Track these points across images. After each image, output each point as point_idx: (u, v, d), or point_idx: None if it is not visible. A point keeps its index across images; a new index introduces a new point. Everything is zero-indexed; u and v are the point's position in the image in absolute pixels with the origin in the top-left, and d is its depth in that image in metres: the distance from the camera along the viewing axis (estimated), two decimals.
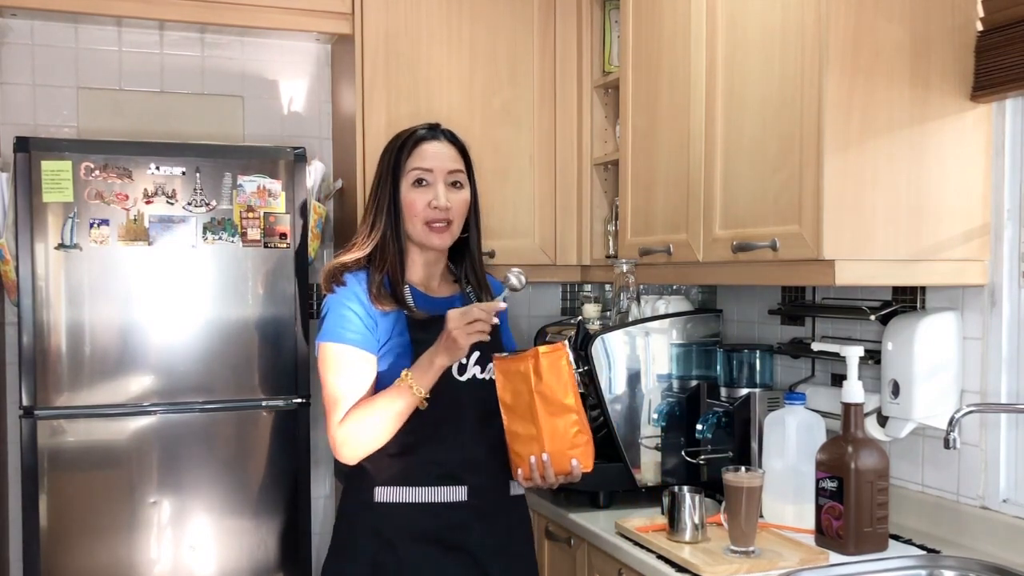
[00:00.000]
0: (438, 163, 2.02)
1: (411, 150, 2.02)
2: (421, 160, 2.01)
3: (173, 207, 2.70)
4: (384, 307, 1.97)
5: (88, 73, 3.09)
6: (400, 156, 2.02)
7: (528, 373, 1.85)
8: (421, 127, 2.07)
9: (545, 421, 1.86)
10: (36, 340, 2.60)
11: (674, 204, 2.43)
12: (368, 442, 1.92)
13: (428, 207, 1.99)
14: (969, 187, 2.01)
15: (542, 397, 1.85)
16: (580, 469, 1.91)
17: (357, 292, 1.98)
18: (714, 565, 1.90)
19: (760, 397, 2.35)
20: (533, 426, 1.87)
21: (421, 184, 2.01)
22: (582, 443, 1.90)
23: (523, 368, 1.86)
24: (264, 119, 3.27)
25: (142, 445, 2.70)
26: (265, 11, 2.91)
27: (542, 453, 1.88)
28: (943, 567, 1.95)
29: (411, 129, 2.07)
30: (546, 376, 1.85)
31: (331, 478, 3.34)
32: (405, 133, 2.07)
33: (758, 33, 2.10)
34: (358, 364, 1.95)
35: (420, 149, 2.02)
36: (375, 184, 2.07)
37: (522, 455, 1.91)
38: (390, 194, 2.01)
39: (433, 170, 2.01)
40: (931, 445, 2.18)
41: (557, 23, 3.09)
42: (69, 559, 2.64)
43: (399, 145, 2.04)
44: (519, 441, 1.91)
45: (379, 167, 2.07)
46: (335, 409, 1.93)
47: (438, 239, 2.02)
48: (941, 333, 2.08)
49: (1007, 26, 1.94)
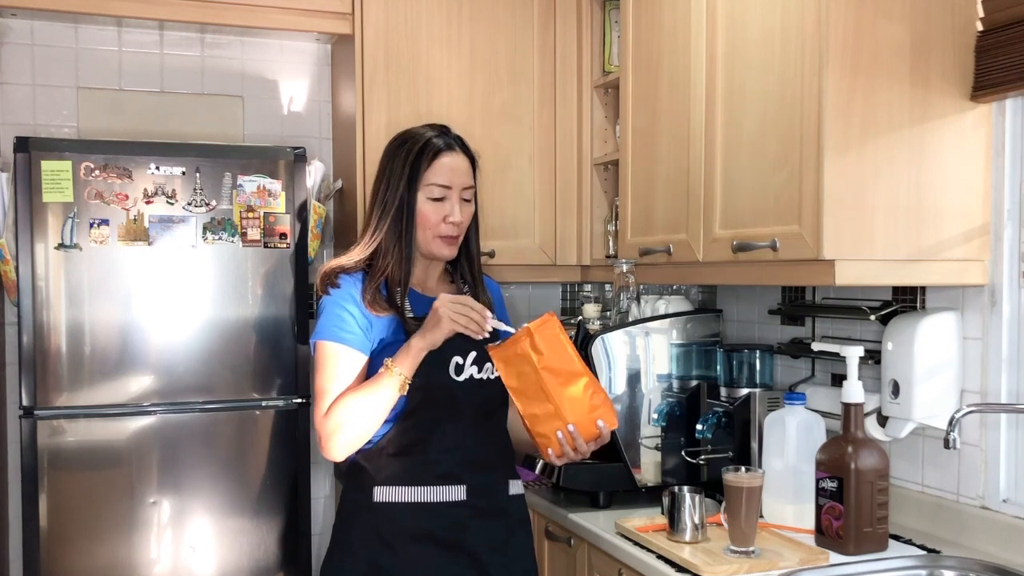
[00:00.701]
0: (457, 179, 2.02)
1: (430, 162, 2.01)
2: (440, 176, 2.00)
3: (173, 207, 2.70)
4: (379, 313, 1.97)
5: (88, 73, 3.09)
6: (418, 166, 2.00)
7: (527, 353, 1.85)
8: (434, 133, 2.04)
9: (559, 393, 1.86)
10: (36, 340, 2.60)
11: (674, 204, 2.43)
12: (353, 433, 1.91)
13: (443, 222, 2.00)
14: (969, 187, 2.01)
15: (549, 371, 1.85)
16: (608, 428, 1.90)
17: (352, 293, 1.98)
18: (714, 565, 1.90)
19: (760, 397, 2.35)
20: (549, 403, 1.86)
21: (438, 199, 2.01)
22: (600, 403, 1.90)
23: (520, 350, 1.85)
24: (264, 119, 3.27)
25: (142, 445, 2.70)
26: (265, 11, 2.91)
27: (567, 425, 1.87)
28: (943, 567, 1.94)
29: (423, 135, 2.04)
30: (545, 350, 1.84)
31: (331, 478, 3.34)
32: (419, 139, 2.03)
33: (758, 33, 2.10)
34: (347, 362, 1.95)
35: (440, 163, 2.01)
36: (381, 186, 2.04)
37: (547, 434, 1.89)
38: (403, 200, 2.00)
39: (451, 187, 2.01)
40: (931, 445, 2.18)
41: (557, 23, 3.09)
42: (69, 559, 2.64)
43: (416, 153, 2.01)
44: (540, 422, 1.89)
45: (387, 169, 2.04)
46: (319, 403, 1.94)
47: (448, 251, 2.04)
48: (941, 333, 2.08)
49: (1007, 26, 1.94)
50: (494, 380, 1.96)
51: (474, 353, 1.99)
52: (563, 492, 2.54)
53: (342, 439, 1.91)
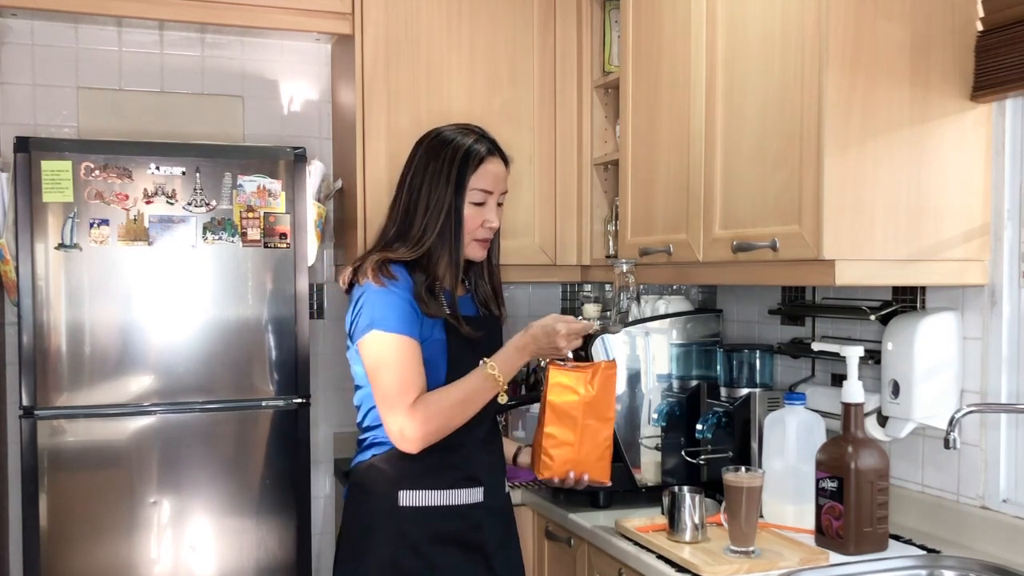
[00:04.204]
0: (499, 186, 2.10)
1: (476, 167, 2.05)
2: (484, 182, 2.06)
3: (173, 207, 2.70)
4: (430, 313, 1.98)
5: (88, 73, 3.09)
6: (465, 171, 2.04)
7: (585, 382, 2.00)
8: (474, 138, 2.07)
9: (586, 429, 2.01)
10: (36, 340, 2.60)
11: (674, 204, 2.43)
12: (445, 429, 1.94)
13: (482, 226, 2.06)
14: (969, 187, 2.01)
15: (590, 407, 2.00)
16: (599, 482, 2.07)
17: (408, 286, 1.99)
18: (714, 565, 1.90)
19: (760, 397, 2.35)
20: (573, 433, 2.00)
21: (478, 203, 2.06)
22: (608, 456, 2.06)
23: (581, 377, 2.00)
24: (264, 119, 3.27)
25: (142, 445, 2.70)
26: (265, 11, 2.91)
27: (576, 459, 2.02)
28: (943, 567, 1.94)
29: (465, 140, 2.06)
30: (598, 389, 2.00)
31: (331, 478, 3.34)
32: (462, 144, 2.06)
33: (758, 33, 2.10)
34: (418, 356, 1.97)
35: (484, 169, 2.06)
36: (423, 187, 2.04)
37: (554, 457, 2.01)
38: (451, 205, 2.03)
39: (493, 192, 2.08)
40: (931, 445, 2.18)
41: (557, 23, 3.09)
42: (69, 559, 2.63)
43: (462, 158, 2.04)
44: (555, 443, 2.01)
45: (427, 170, 2.05)
46: (404, 395, 1.92)
47: (481, 253, 2.11)
48: (941, 333, 2.08)
49: (1007, 26, 1.94)
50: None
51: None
52: (563, 492, 2.54)
53: (433, 433, 1.93)
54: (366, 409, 2.05)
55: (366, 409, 2.05)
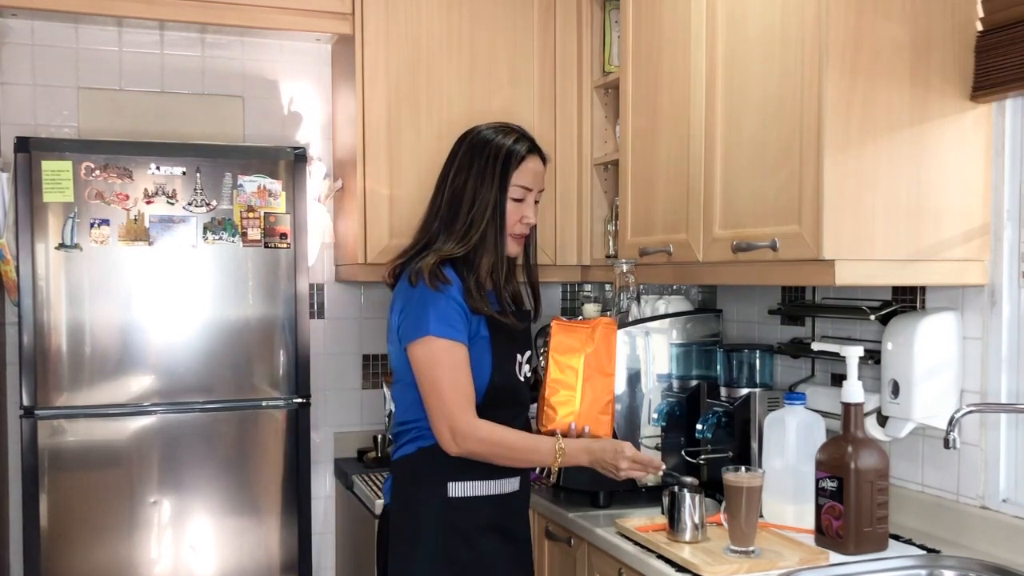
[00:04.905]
0: (538, 183, 2.14)
1: (518, 164, 2.09)
2: (525, 179, 2.10)
3: (173, 207, 2.70)
4: (478, 310, 2.02)
5: (88, 73, 3.09)
6: (508, 168, 2.08)
7: (585, 337, 2.12)
8: (515, 138, 2.11)
9: (587, 382, 2.12)
10: (36, 340, 2.60)
11: (674, 204, 2.43)
12: (489, 454, 2.00)
13: (520, 222, 2.11)
14: (969, 187, 2.01)
15: (590, 360, 2.12)
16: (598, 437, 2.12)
17: (459, 286, 2.02)
18: (714, 565, 1.90)
19: (760, 397, 2.35)
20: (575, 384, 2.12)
21: (518, 199, 2.10)
22: (610, 412, 2.15)
23: (582, 331, 2.12)
24: (264, 119, 3.27)
25: (142, 445, 2.70)
26: (265, 11, 2.91)
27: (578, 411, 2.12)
28: (943, 567, 1.94)
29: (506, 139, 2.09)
30: (598, 342, 2.12)
31: (331, 478, 3.35)
32: (504, 142, 2.09)
33: (758, 33, 2.10)
34: (468, 360, 2.01)
35: (526, 167, 2.10)
36: (468, 184, 2.07)
37: (556, 408, 2.12)
38: (496, 202, 2.06)
39: (532, 189, 2.12)
40: (931, 445, 2.18)
41: (557, 23, 3.09)
42: (69, 559, 2.64)
43: (505, 156, 2.07)
44: (556, 394, 2.12)
45: (472, 168, 2.08)
46: (465, 404, 1.98)
47: (518, 249, 2.16)
48: (941, 333, 2.08)
49: (1007, 26, 1.93)
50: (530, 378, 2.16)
51: (528, 352, 2.15)
52: (563, 492, 2.54)
53: (477, 455, 1.99)
54: (407, 402, 2.08)
55: (407, 402, 2.08)
